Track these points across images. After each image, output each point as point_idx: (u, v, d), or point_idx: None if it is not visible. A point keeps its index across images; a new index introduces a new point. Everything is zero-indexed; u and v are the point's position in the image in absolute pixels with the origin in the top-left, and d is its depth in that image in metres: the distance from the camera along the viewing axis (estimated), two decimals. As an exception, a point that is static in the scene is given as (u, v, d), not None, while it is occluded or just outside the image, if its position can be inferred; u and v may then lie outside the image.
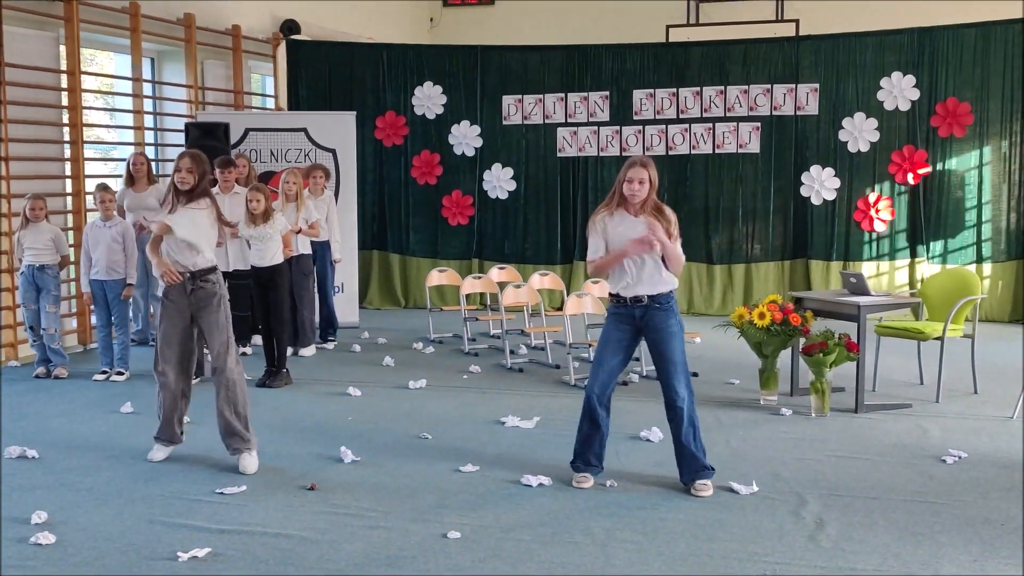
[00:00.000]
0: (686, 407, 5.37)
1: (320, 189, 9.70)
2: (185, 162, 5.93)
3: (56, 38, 9.60)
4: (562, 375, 8.46)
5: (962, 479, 5.63)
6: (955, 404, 7.44)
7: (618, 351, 5.50)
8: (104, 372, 8.44)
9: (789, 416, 7.08)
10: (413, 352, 9.65)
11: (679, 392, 5.36)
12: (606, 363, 5.49)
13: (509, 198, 12.57)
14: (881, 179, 11.63)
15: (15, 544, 4.68)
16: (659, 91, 12.07)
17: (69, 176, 9.77)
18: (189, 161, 5.94)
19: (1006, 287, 11.30)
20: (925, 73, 11.44)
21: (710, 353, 9.18)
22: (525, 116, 12.46)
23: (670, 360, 5.38)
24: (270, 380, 8.12)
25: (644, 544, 4.67)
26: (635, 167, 5.33)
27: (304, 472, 5.79)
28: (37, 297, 8.37)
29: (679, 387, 5.36)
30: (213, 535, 4.79)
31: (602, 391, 5.47)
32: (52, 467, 5.92)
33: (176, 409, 6.03)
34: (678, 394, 5.36)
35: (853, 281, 7.52)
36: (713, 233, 12.06)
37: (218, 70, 11.82)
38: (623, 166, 5.42)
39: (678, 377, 5.37)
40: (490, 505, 5.23)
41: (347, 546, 4.66)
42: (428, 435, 6.58)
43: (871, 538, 4.73)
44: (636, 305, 5.41)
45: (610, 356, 5.49)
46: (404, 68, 12.67)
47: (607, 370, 5.49)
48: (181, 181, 5.90)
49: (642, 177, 5.30)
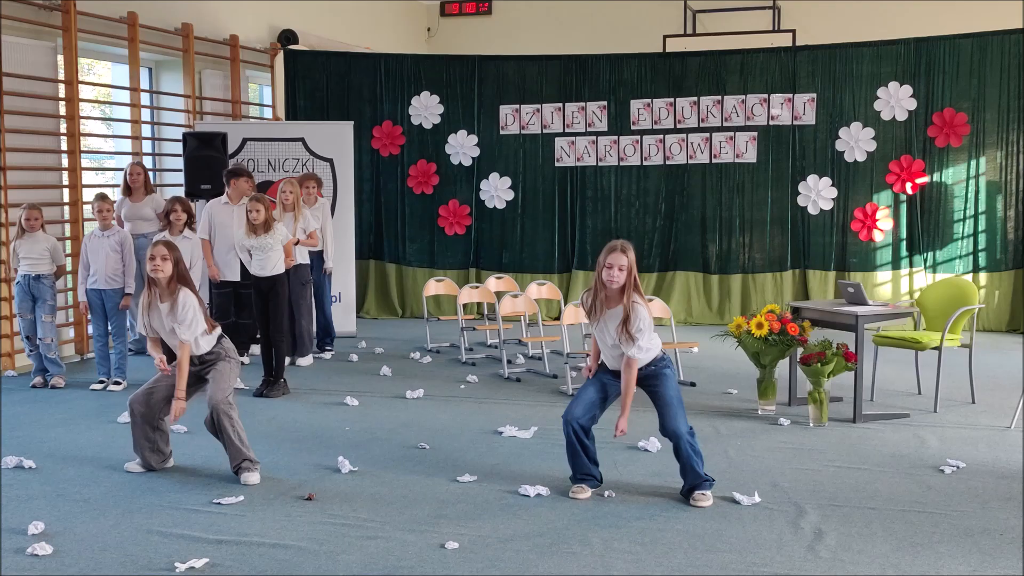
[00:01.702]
0: (684, 441, 5.39)
1: (313, 199, 9.70)
2: (160, 250, 5.84)
3: (54, 48, 9.61)
4: (559, 385, 8.45)
5: (960, 489, 5.62)
6: (953, 414, 7.44)
7: (602, 391, 5.55)
8: (101, 382, 8.42)
9: (787, 426, 7.08)
10: (410, 362, 9.64)
11: (679, 432, 5.37)
12: (586, 396, 5.53)
13: (507, 208, 12.57)
14: (878, 189, 11.65)
15: (12, 555, 4.67)
16: (656, 101, 12.09)
17: (66, 185, 9.77)
18: (164, 249, 5.85)
19: (1003, 297, 11.30)
20: (922, 83, 11.46)
21: (708, 363, 9.18)
22: (523, 126, 12.47)
23: (667, 403, 5.42)
24: (268, 390, 8.11)
25: (642, 554, 4.66)
26: (614, 252, 5.32)
27: (301, 482, 5.78)
28: (33, 307, 8.36)
29: (679, 428, 5.38)
30: (211, 545, 4.78)
31: (579, 417, 5.47)
32: (49, 477, 5.91)
33: (145, 438, 5.95)
34: (679, 434, 5.37)
35: (851, 291, 7.53)
36: (710, 243, 12.07)
37: (216, 80, 11.83)
38: (603, 250, 5.40)
39: (676, 417, 5.39)
40: (488, 515, 5.22)
41: (345, 556, 4.65)
42: (425, 445, 6.57)
43: (870, 548, 4.73)
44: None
45: (593, 392, 5.54)
46: (401, 78, 12.68)
47: (586, 401, 5.51)
48: (155, 270, 5.80)
49: (621, 263, 5.30)
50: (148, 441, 5.97)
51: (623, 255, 5.31)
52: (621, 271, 5.31)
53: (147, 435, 5.95)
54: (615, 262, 5.31)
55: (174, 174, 11.05)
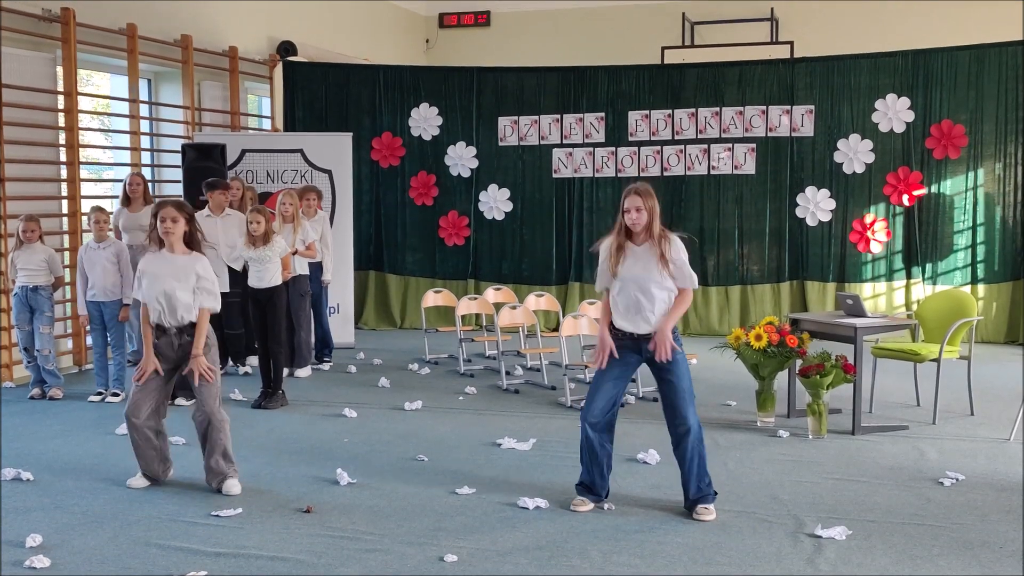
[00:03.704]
0: (693, 435, 5.31)
1: (313, 210, 9.70)
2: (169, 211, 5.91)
3: (53, 59, 9.62)
4: (558, 396, 8.44)
5: (960, 502, 5.61)
6: (952, 426, 7.43)
7: (617, 376, 5.45)
8: (100, 393, 8.41)
9: (786, 438, 7.07)
10: (409, 373, 9.63)
11: (688, 420, 5.29)
12: (603, 388, 5.42)
13: (505, 219, 12.58)
14: (876, 200, 11.66)
15: (10, 567, 4.65)
16: (654, 112, 12.11)
17: (65, 196, 9.77)
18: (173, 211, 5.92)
19: (1001, 308, 11.31)
20: (920, 95, 11.48)
21: (707, 374, 9.16)
22: (521, 137, 12.49)
23: (678, 387, 5.33)
24: (266, 401, 8.10)
25: (642, 568, 4.65)
26: (630, 195, 5.33)
27: (300, 494, 5.76)
28: (31, 318, 8.36)
29: (688, 415, 5.30)
30: (209, 558, 4.76)
31: (599, 417, 5.40)
32: (47, 489, 5.89)
33: (151, 448, 5.91)
34: (690, 427, 5.29)
35: (849, 303, 7.53)
36: (709, 254, 12.07)
37: (215, 91, 11.85)
38: (623, 193, 5.42)
39: (687, 404, 5.32)
40: (487, 528, 5.21)
41: (343, 569, 4.63)
42: (424, 457, 6.56)
43: (869, 561, 4.72)
44: (642, 339, 5.40)
45: (608, 380, 5.43)
46: (400, 89, 12.70)
47: (604, 397, 5.41)
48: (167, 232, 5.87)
49: (637, 205, 5.29)
50: (155, 450, 5.92)
51: (637, 196, 5.30)
52: (640, 212, 5.29)
53: (152, 444, 5.89)
54: (631, 205, 5.30)
55: (173, 185, 11.04)
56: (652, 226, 5.33)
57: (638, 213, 5.30)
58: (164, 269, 5.87)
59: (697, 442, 5.33)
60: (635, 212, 5.30)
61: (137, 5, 10.49)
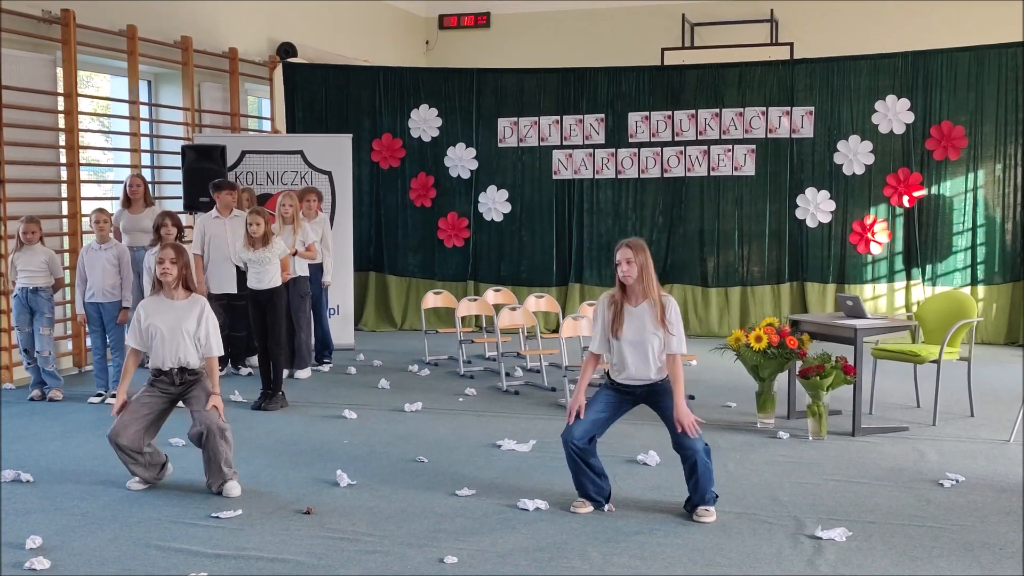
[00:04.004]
0: (702, 459, 5.30)
1: (314, 212, 9.70)
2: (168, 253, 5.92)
3: (53, 60, 9.62)
4: (558, 398, 8.44)
5: (960, 503, 5.61)
6: (952, 427, 7.43)
7: (608, 410, 5.48)
8: (99, 395, 8.41)
9: (786, 439, 7.07)
10: (408, 375, 9.63)
11: (696, 447, 5.30)
12: (590, 414, 5.43)
13: (504, 220, 12.58)
14: (876, 202, 11.66)
15: (10, 569, 4.65)
16: (654, 114, 12.11)
17: (65, 198, 9.77)
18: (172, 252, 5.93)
19: (1001, 309, 11.31)
20: (919, 96, 11.48)
21: (706, 376, 9.17)
22: (520, 139, 12.49)
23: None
24: (266, 403, 8.10)
25: (642, 569, 4.65)
26: (621, 248, 5.39)
27: (300, 496, 5.76)
28: (31, 320, 8.35)
29: (695, 443, 5.30)
30: (209, 560, 4.76)
31: (580, 439, 5.38)
32: (47, 491, 5.89)
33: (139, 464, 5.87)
34: (696, 449, 5.30)
35: (849, 304, 7.53)
36: (709, 256, 12.08)
37: (215, 92, 11.85)
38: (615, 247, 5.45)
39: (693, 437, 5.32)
40: (486, 530, 5.20)
41: (343, 571, 4.63)
42: (424, 458, 6.56)
43: (869, 563, 4.72)
44: (637, 387, 5.45)
45: (599, 410, 5.46)
46: (400, 91, 12.71)
47: (588, 421, 5.41)
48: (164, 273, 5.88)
49: (628, 257, 5.34)
50: (143, 465, 5.90)
51: (628, 249, 5.37)
52: (630, 264, 5.34)
53: (139, 461, 5.87)
54: (621, 257, 5.37)
55: (173, 187, 11.05)
56: (646, 283, 5.38)
57: (628, 266, 5.34)
58: (165, 314, 5.91)
59: (705, 460, 5.33)
60: (625, 264, 5.34)
61: (137, 6, 10.49)
